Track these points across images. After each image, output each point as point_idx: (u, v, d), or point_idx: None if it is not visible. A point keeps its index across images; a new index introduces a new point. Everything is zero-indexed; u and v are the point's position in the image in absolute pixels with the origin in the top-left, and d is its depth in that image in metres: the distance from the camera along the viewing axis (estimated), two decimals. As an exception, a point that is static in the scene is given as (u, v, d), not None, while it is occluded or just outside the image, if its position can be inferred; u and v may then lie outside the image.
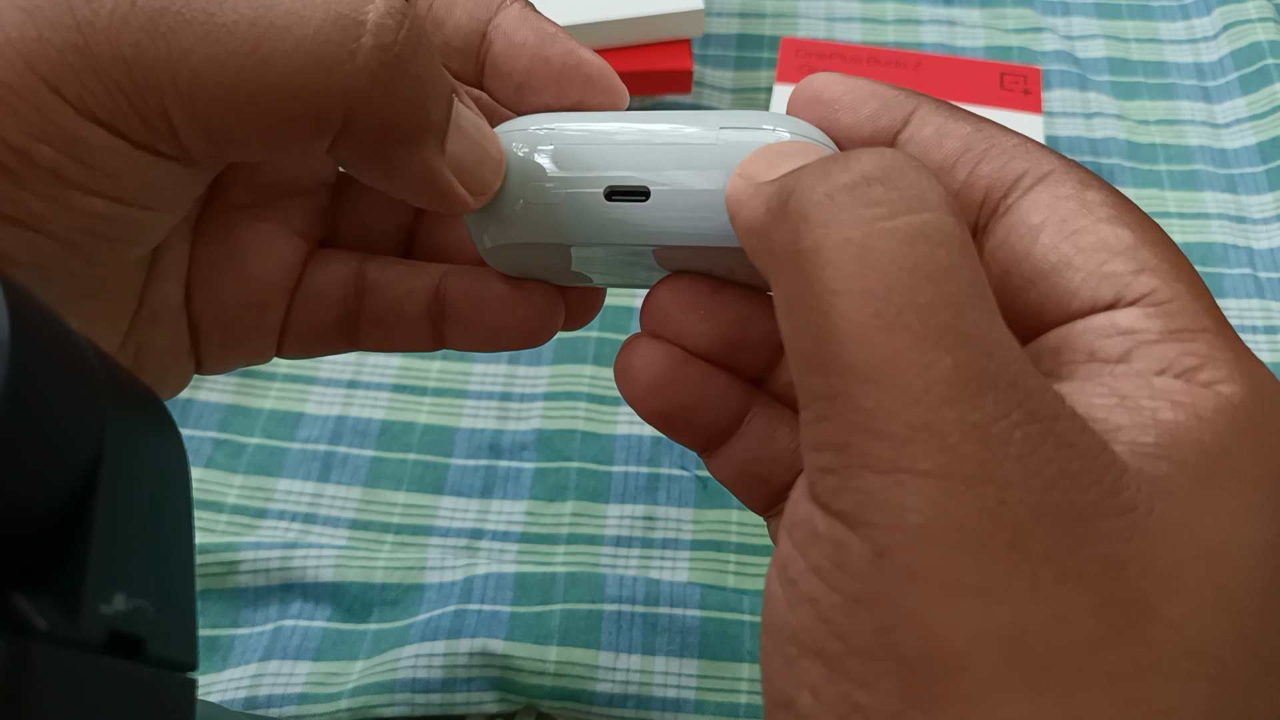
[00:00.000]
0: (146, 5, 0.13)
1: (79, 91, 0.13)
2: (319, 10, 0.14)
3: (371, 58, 0.14)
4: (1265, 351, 0.38)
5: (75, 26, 0.13)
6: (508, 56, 0.18)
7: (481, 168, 0.17)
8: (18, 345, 0.11)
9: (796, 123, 0.17)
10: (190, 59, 0.13)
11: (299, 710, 0.30)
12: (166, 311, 0.19)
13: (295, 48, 0.14)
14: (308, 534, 0.35)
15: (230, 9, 0.14)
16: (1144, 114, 0.46)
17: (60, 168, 0.14)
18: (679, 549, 0.34)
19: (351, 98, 0.14)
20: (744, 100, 0.46)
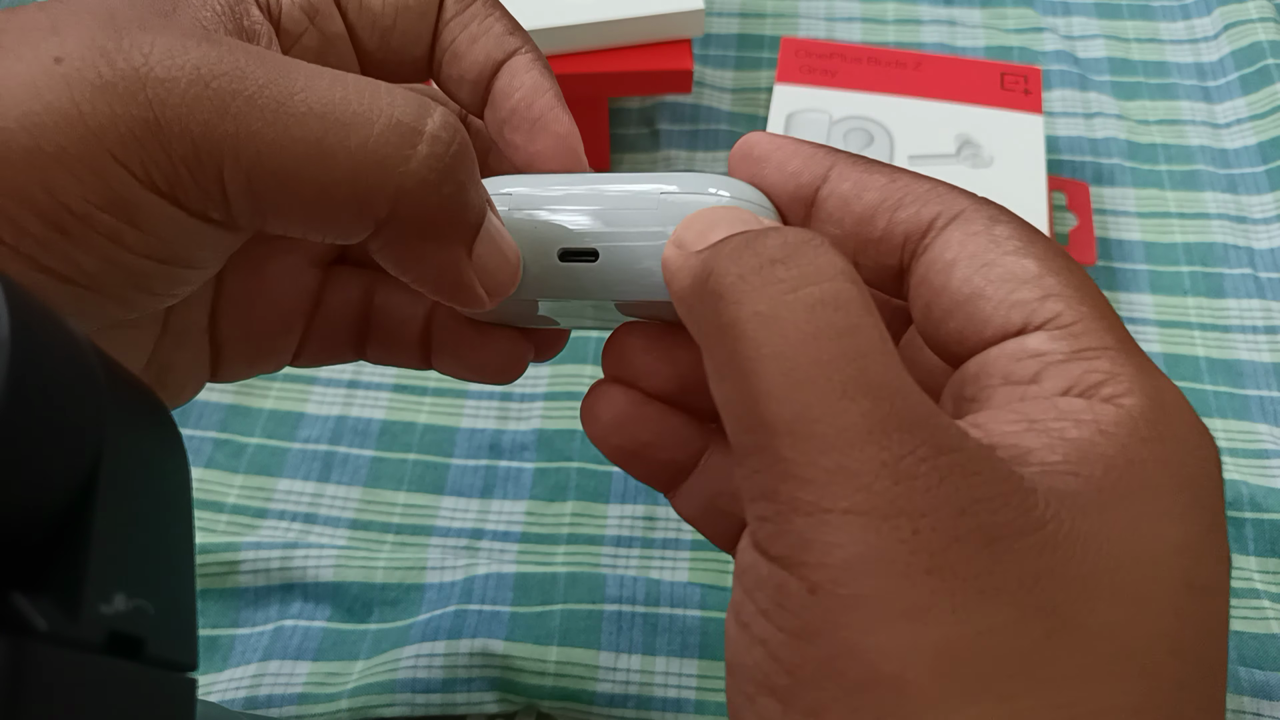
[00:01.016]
0: (220, 88, 0.14)
1: (144, 164, 0.14)
2: (383, 115, 0.15)
3: (424, 165, 0.15)
4: (1266, 351, 0.38)
5: (147, 104, 0.14)
6: (504, 95, 0.19)
7: (500, 273, 0.18)
8: (18, 345, 0.11)
9: (737, 185, 0.18)
10: (256, 141, 0.14)
11: (299, 710, 0.30)
12: (191, 335, 0.20)
13: (358, 146, 0.15)
14: (308, 534, 0.35)
15: (300, 101, 0.15)
16: (1144, 114, 0.46)
17: (117, 233, 0.14)
18: (679, 549, 0.34)
19: (400, 196, 0.15)
20: (744, 100, 0.46)
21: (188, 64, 0.14)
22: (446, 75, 0.20)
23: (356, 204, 0.15)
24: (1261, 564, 0.33)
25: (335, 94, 0.15)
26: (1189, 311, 0.40)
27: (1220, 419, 0.37)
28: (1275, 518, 0.34)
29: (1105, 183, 0.43)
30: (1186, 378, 0.38)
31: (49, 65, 0.14)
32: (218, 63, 0.14)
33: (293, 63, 0.15)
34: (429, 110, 0.16)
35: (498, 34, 0.19)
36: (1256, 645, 0.32)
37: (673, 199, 0.18)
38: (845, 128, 0.38)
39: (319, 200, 0.15)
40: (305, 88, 0.15)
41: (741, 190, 0.18)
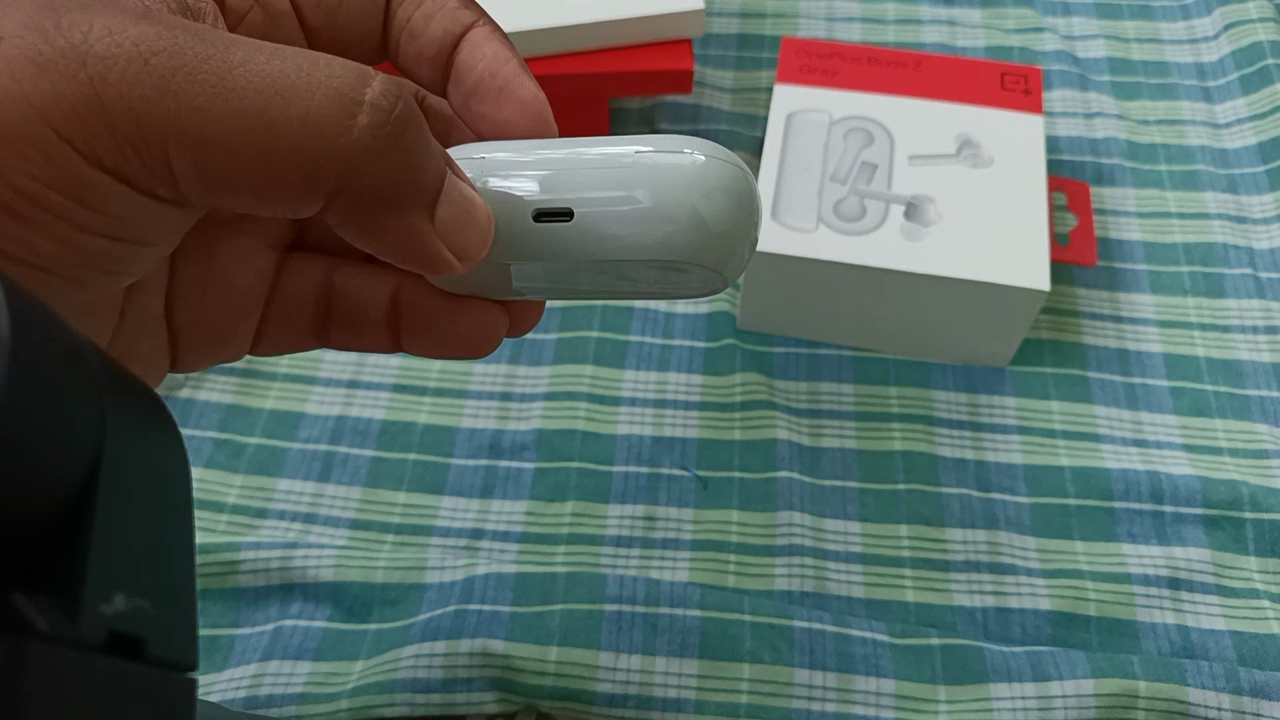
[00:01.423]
0: (159, 65, 0.14)
1: (88, 140, 0.14)
2: (322, 85, 0.15)
3: (365, 133, 0.15)
4: (1266, 351, 0.38)
5: (88, 80, 0.14)
6: (466, 67, 0.19)
7: (469, 233, 0.18)
8: (18, 345, 0.11)
9: (711, 145, 0.19)
10: (198, 116, 0.14)
11: (299, 710, 0.30)
12: (148, 323, 0.19)
13: (298, 117, 0.15)
14: (308, 534, 0.35)
15: (239, 75, 0.15)
16: (1144, 114, 0.46)
17: (67, 212, 0.14)
18: (679, 549, 0.34)
19: (345, 165, 0.16)
20: (744, 100, 0.46)
21: (126, 40, 0.14)
22: (405, 55, 0.20)
23: (303, 176, 0.15)
24: (1262, 564, 0.33)
25: (274, 66, 0.15)
26: (1189, 311, 0.40)
27: (1220, 419, 0.37)
28: (1275, 518, 0.34)
29: (1105, 183, 0.43)
30: (1187, 378, 0.38)
31: None
32: (156, 39, 0.15)
33: (232, 38, 0.15)
34: (368, 78, 0.16)
35: (452, 8, 0.20)
36: (1256, 645, 0.32)
37: (647, 159, 0.18)
38: (845, 128, 0.38)
39: (265, 174, 0.15)
40: (244, 61, 0.15)
41: (715, 150, 0.19)
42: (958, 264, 0.35)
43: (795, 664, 0.31)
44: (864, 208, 0.36)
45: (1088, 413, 0.37)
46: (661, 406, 0.37)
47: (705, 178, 0.19)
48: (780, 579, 0.33)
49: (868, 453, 0.36)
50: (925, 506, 0.35)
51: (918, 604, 0.33)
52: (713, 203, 0.18)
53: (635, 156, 0.19)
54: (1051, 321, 0.39)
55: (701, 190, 0.18)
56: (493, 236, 0.19)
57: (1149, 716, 0.29)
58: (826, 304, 0.37)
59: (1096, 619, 0.33)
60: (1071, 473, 0.36)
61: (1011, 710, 0.30)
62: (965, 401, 0.38)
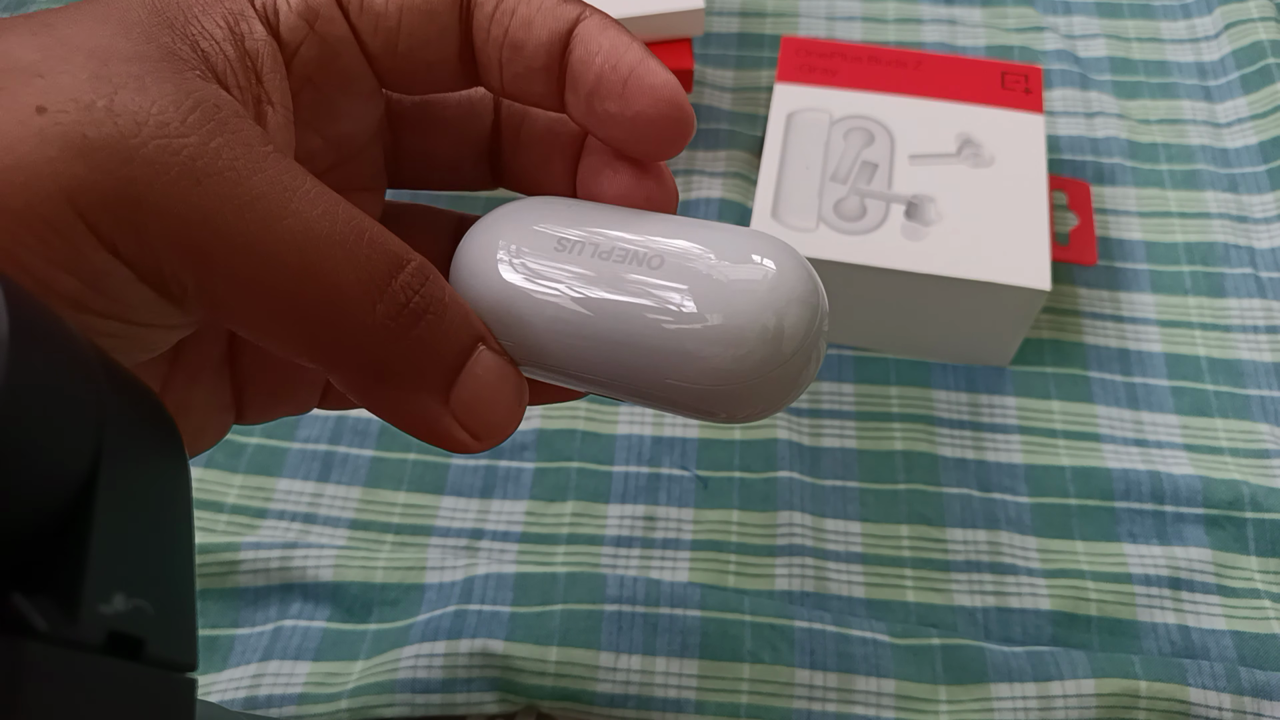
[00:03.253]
0: (210, 190, 0.14)
1: (113, 236, 0.13)
2: (357, 269, 0.15)
3: (382, 322, 0.15)
4: (1266, 351, 0.38)
5: (129, 180, 0.13)
6: (583, 65, 0.17)
7: (490, 413, 0.17)
8: (17, 345, 0.11)
9: (778, 247, 0.17)
10: (231, 253, 0.14)
11: (299, 710, 0.30)
12: (205, 370, 0.19)
13: (325, 296, 0.14)
14: (308, 534, 0.34)
15: (287, 228, 0.14)
16: (1145, 113, 0.46)
17: (81, 297, 0.14)
18: (679, 549, 0.34)
19: (355, 349, 0.15)
20: (744, 99, 0.46)
21: (184, 152, 0.13)
22: (511, 75, 0.18)
23: (310, 345, 0.15)
24: (1262, 564, 0.33)
25: (322, 228, 0.14)
26: (1190, 311, 0.40)
27: (1221, 418, 0.37)
28: (1276, 517, 0.34)
29: (1106, 182, 0.43)
30: (1188, 377, 0.38)
31: (28, 115, 0.13)
32: (215, 158, 0.14)
33: (292, 174, 0.14)
34: (400, 266, 0.15)
35: (551, 6, 0.17)
36: (1257, 645, 0.32)
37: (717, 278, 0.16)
38: (845, 127, 0.38)
39: (280, 319, 0.15)
40: (295, 213, 0.14)
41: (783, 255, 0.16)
42: (958, 263, 0.35)
43: (796, 664, 0.31)
44: (864, 207, 0.36)
45: (1088, 412, 0.37)
46: (662, 406, 0.37)
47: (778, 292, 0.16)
48: (781, 579, 0.33)
49: (868, 452, 0.36)
50: (926, 506, 0.35)
51: (918, 604, 0.33)
52: (785, 322, 0.16)
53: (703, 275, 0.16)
54: (1052, 321, 0.39)
55: (775, 310, 0.16)
56: (523, 413, 0.17)
57: (1150, 716, 0.29)
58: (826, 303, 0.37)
59: (1097, 619, 0.33)
60: (1072, 472, 0.36)
61: (1012, 710, 0.30)
62: (966, 401, 0.38)
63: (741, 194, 0.43)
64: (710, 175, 0.43)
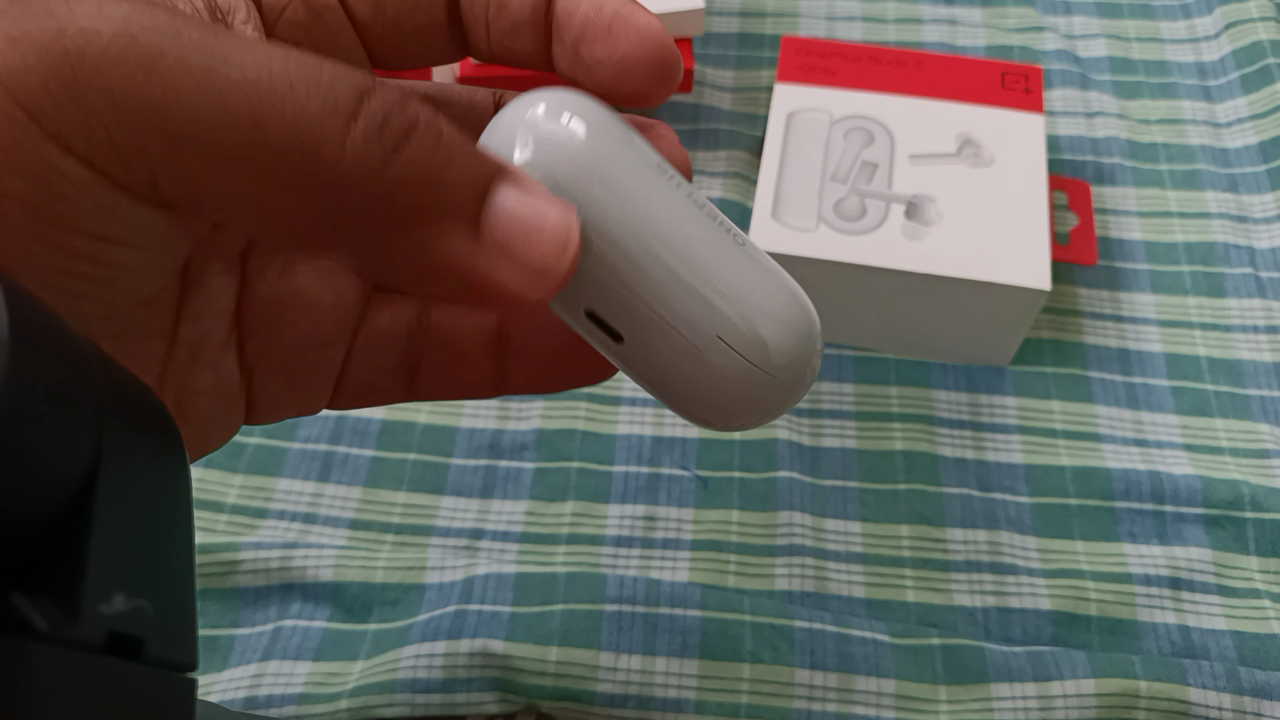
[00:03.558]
0: (148, 43, 0.13)
1: (57, 121, 0.13)
2: (319, 89, 0.13)
3: (360, 144, 0.14)
4: (1267, 351, 0.38)
5: (63, 53, 0.13)
6: (567, 14, 0.17)
7: (533, 247, 0.15)
8: (17, 345, 0.11)
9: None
10: (184, 103, 0.13)
11: (299, 710, 0.30)
12: (208, 350, 0.18)
13: (291, 118, 0.13)
14: (308, 534, 0.34)
15: (234, 67, 0.13)
16: (1145, 113, 0.46)
17: (35, 201, 0.13)
18: (679, 549, 0.34)
19: (343, 181, 0.14)
20: (744, 99, 0.46)
21: (116, 15, 0.13)
22: (498, 33, 0.18)
23: (296, 191, 0.14)
24: (1262, 564, 0.33)
25: (273, 62, 0.13)
26: (1190, 311, 0.40)
27: (1221, 418, 0.37)
28: (1276, 517, 0.34)
29: (1106, 182, 0.43)
30: (1188, 377, 0.38)
31: None
32: (150, 17, 0.13)
33: (234, 32, 0.14)
34: (368, 89, 0.14)
35: None
36: (1257, 645, 0.32)
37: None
38: (845, 127, 0.38)
39: (255, 182, 0.14)
40: (240, 53, 0.13)
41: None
42: (958, 263, 0.35)
43: (796, 664, 0.31)
44: (864, 207, 0.36)
45: (1088, 412, 0.37)
46: (662, 406, 0.37)
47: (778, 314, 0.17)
48: (781, 579, 0.33)
49: (868, 452, 0.36)
50: (926, 506, 0.35)
51: (918, 604, 0.33)
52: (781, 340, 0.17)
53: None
54: (1052, 321, 0.39)
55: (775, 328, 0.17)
56: (575, 246, 0.15)
57: (1150, 716, 0.29)
58: (826, 303, 0.37)
59: (1097, 619, 0.33)
60: (1072, 472, 0.36)
61: (1012, 710, 0.30)
62: (966, 401, 0.38)
63: (741, 194, 0.43)
64: (710, 175, 0.43)
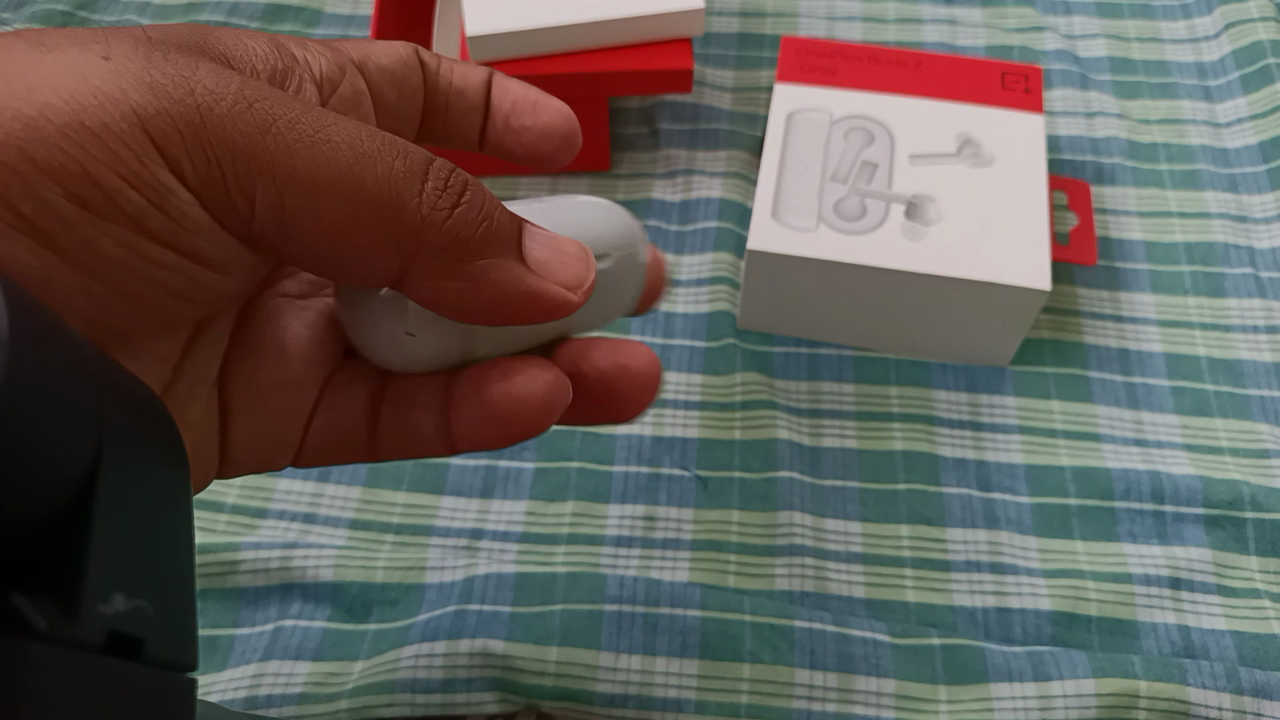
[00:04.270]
0: (262, 110, 0.16)
1: (179, 156, 0.15)
2: (399, 155, 0.17)
3: (431, 197, 0.17)
4: (1266, 351, 0.38)
5: (195, 107, 0.15)
6: (502, 96, 0.23)
7: (570, 266, 0.19)
8: (17, 345, 0.11)
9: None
10: (292, 159, 0.16)
11: (299, 710, 0.30)
12: (203, 385, 0.19)
13: (382, 175, 0.16)
14: (308, 534, 0.34)
15: (332, 134, 0.16)
16: (1145, 113, 0.46)
17: (142, 214, 0.15)
18: (679, 549, 0.34)
19: (420, 225, 0.17)
20: (744, 99, 0.46)
21: (233, 84, 0.16)
22: (455, 111, 0.23)
23: (381, 232, 0.17)
24: (1262, 564, 0.33)
25: (361, 133, 0.17)
26: (1190, 311, 0.40)
27: (1221, 418, 0.37)
28: (1276, 517, 0.34)
29: (1106, 182, 0.43)
30: (1188, 377, 0.38)
31: (98, 60, 0.15)
32: (259, 90, 0.16)
33: (321, 108, 0.17)
34: (431, 156, 0.17)
35: (474, 67, 0.23)
36: (1257, 645, 0.32)
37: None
38: (845, 127, 0.38)
39: (345, 225, 0.16)
40: (335, 124, 0.16)
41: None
42: (958, 263, 0.35)
43: (796, 664, 0.31)
44: (864, 207, 0.36)
45: (1088, 412, 0.37)
46: (661, 406, 0.37)
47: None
48: (780, 579, 0.33)
49: (868, 452, 0.36)
50: (926, 506, 0.35)
51: (918, 604, 0.33)
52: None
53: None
54: (1052, 321, 0.39)
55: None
56: (594, 263, 0.19)
57: (1150, 716, 0.29)
58: (827, 304, 0.37)
59: (1097, 619, 0.33)
60: (1072, 472, 0.36)
61: (1012, 710, 0.30)
62: (966, 401, 0.38)
63: (741, 194, 0.43)
64: (710, 175, 0.43)
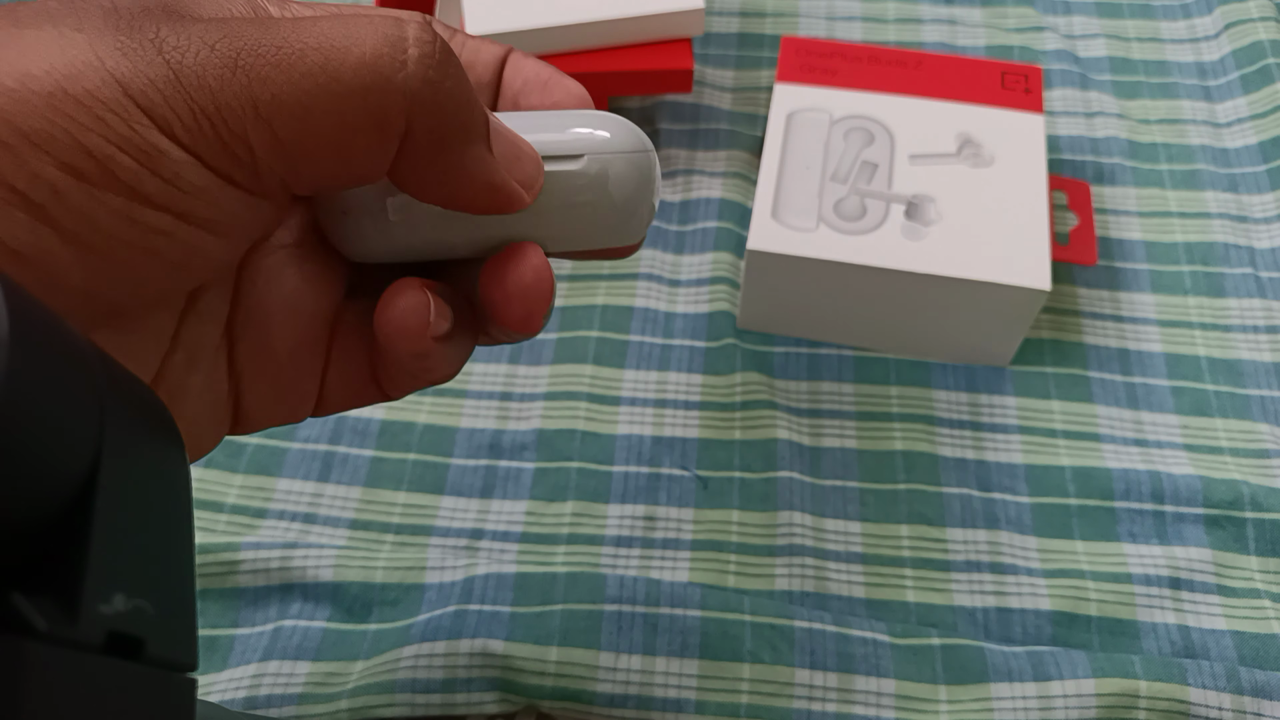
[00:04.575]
0: (224, 48, 0.16)
1: (165, 114, 0.15)
2: (369, 34, 0.16)
3: (420, 65, 0.17)
4: (1266, 351, 0.38)
5: (165, 64, 0.15)
6: (514, 74, 0.22)
7: (524, 164, 0.19)
8: (17, 345, 0.11)
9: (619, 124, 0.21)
10: (269, 84, 0.16)
11: (299, 710, 0.30)
12: (203, 354, 0.19)
13: (357, 63, 0.16)
14: (308, 534, 0.34)
15: (296, 40, 0.16)
16: (1145, 113, 0.46)
17: (136, 179, 0.15)
18: (679, 549, 0.34)
19: (410, 101, 0.17)
20: (744, 99, 0.46)
21: (193, 34, 0.15)
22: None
23: (374, 122, 0.16)
24: (1262, 564, 0.33)
25: (321, 28, 0.16)
26: (1190, 311, 0.40)
27: (1221, 418, 0.37)
28: (1276, 517, 0.34)
29: (1106, 182, 0.43)
30: (1187, 377, 0.38)
31: (71, 33, 0.15)
32: (214, 30, 0.16)
33: (275, 18, 0.17)
34: (405, 21, 0.17)
35: (488, 43, 0.23)
36: (1257, 645, 0.32)
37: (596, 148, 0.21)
38: (846, 127, 0.38)
39: (340, 129, 0.16)
40: (294, 30, 0.16)
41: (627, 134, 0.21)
42: (958, 263, 0.35)
43: (796, 664, 0.31)
44: (864, 207, 0.36)
45: (1088, 412, 0.37)
46: (661, 406, 0.37)
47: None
48: (780, 579, 0.33)
49: (868, 452, 0.36)
50: (926, 506, 0.35)
51: (918, 604, 0.33)
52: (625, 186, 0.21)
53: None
54: (1052, 321, 0.39)
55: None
56: (543, 168, 0.20)
57: (1150, 716, 0.29)
58: (827, 303, 0.37)
59: (1097, 619, 0.33)
60: (1072, 472, 0.36)
61: (1012, 710, 0.30)
62: (966, 401, 0.38)
63: (741, 194, 0.42)
64: (710, 175, 0.43)
